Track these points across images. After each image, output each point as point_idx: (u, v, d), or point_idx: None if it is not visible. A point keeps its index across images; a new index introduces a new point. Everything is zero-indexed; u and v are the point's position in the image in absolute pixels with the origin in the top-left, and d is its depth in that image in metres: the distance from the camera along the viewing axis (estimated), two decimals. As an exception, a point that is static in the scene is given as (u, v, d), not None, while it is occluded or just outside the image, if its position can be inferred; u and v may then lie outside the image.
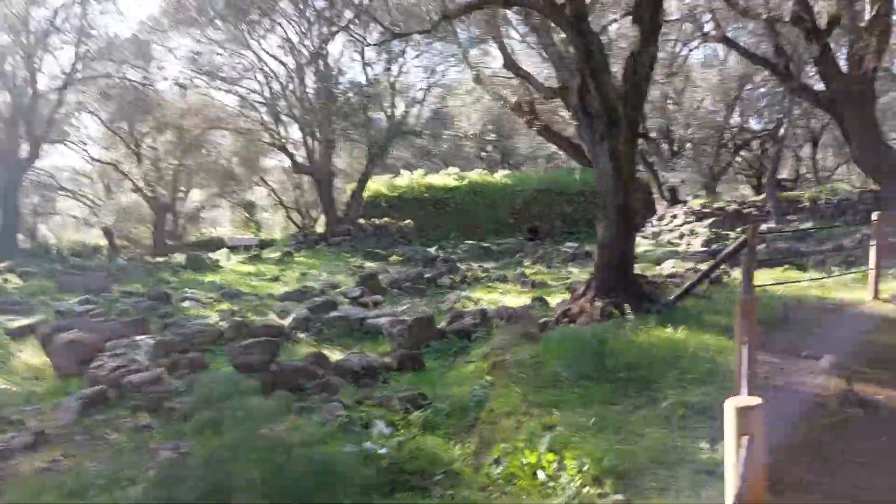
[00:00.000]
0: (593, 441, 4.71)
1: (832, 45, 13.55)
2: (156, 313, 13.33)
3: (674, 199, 30.35)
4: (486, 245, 24.48)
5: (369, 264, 20.98)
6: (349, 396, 7.65)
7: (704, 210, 26.84)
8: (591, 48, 7.43)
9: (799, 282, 9.85)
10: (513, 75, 12.74)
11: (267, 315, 12.69)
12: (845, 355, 6.54)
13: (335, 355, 10.11)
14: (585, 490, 4.05)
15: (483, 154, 47.38)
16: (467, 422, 6.47)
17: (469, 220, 33.93)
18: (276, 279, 18.19)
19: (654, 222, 28.91)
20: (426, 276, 16.10)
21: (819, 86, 14.66)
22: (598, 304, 8.07)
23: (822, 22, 13.09)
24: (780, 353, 6.81)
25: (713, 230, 25.01)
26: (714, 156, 28.96)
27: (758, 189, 32.80)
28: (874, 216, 8.84)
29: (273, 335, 11.32)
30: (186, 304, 14.44)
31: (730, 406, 2.20)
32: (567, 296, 10.71)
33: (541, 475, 4.34)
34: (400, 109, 32.89)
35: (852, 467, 4.26)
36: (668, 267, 11.80)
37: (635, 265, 13.00)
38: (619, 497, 3.91)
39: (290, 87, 29.29)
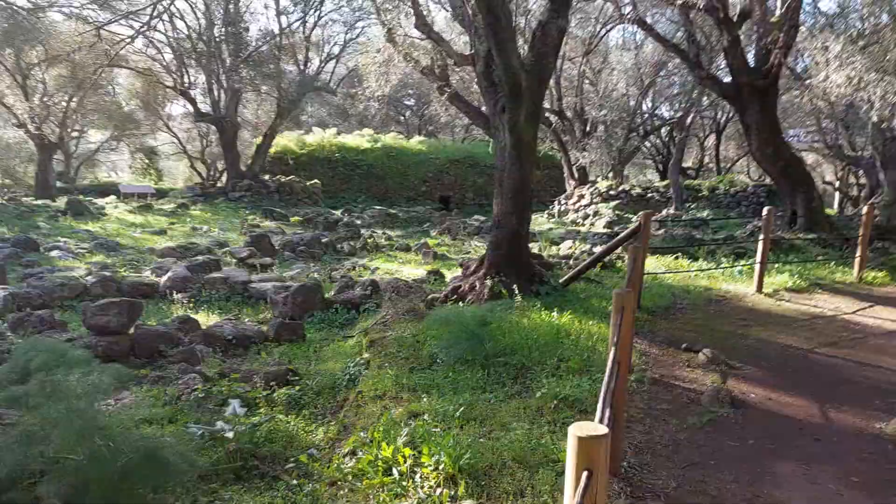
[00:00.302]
0: (456, 434, 4.37)
1: (742, 38, 13.67)
2: (17, 262, 12.13)
3: (583, 179, 30.69)
4: (393, 212, 23.91)
5: (268, 223, 20.03)
6: (214, 367, 7.05)
7: (611, 192, 27.29)
8: (498, 14, 6.98)
9: (689, 271, 9.91)
10: (425, 37, 12.14)
11: (141, 271, 11.75)
12: (724, 349, 6.51)
13: (211, 320, 9.43)
14: (438, 492, 3.70)
15: (401, 118, 46.51)
16: (337, 402, 6.03)
17: (380, 184, 33.25)
18: (162, 232, 17.01)
19: (563, 201, 29.20)
20: (324, 240, 15.43)
21: (728, 78, 14.84)
22: (488, 282, 7.76)
23: (734, 13, 13.18)
24: (661, 344, 6.72)
25: (617, 212, 25.48)
26: (624, 139, 29.39)
27: (663, 175, 33.70)
28: (765, 211, 8.92)
29: (144, 294, 10.50)
30: (55, 253, 13.23)
31: (572, 435, 1.83)
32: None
33: (395, 472, 3.95)
34: (315, 64, 31.60)
35: (714, 472, 4.10)
36: (565, 247, 11.71)
37: (533, 244, 12.88)
38: (471, 502, 3.57)
39: (197, 28, 27.42)
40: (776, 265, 10.56)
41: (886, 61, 10.61)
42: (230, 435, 4.80)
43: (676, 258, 11.09)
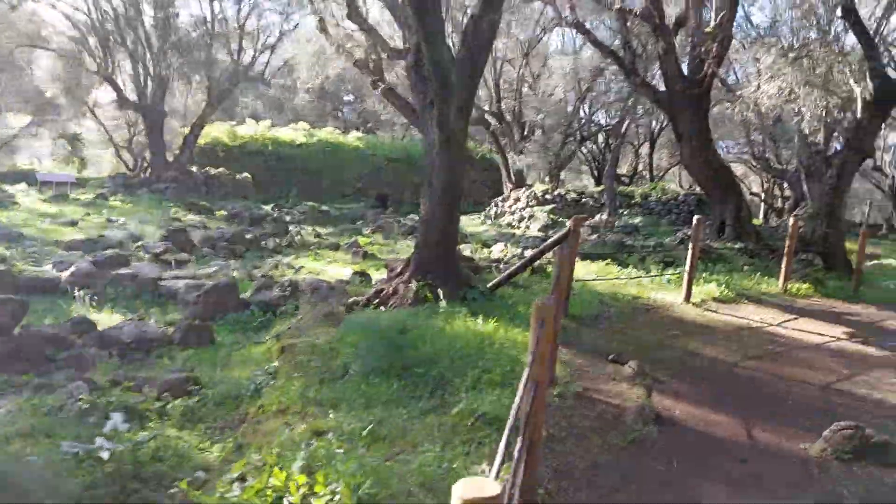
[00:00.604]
0: (361, 456, 3.95)
1: (678, 48, 13.72)
2: None
3: (520, 182, 30.70)
4: (325, 208, 23.26)
5: (191, 217, 19.10)
6: (107, 374, 6.42)
7: (546, 196, 27.33)
8: (426, 3, 6.60)
9: (618, 278, 9.76)
10: (357, 28, 11.66)
11: (43, 266, 10.86)
12: (650, 360, 6.31)
13: (115, 320, 8.72)
14: (331, 528, 3.28)
15: (339, 113, 45.65)
16: (237, 416, 5.53)
17: (315, 180, 32.39)
18: (74, 224, 15.93)
19: (499, 203, 29.11)
20: (248, 236, 14.74)
21: (662, 86, 14.89)
22: (413, 286, 7.37)
23: (670, 21, 13.21)
24: (588, 354, 6.46)
25: (552, 216, 25.51)
26: (561, 144, 29.52)
27: (599, 180, 34.05)
28: (694, 221, 8.84)
29: (43, 290, 9.68)
30: (-56, 243, 12.17)
31: (458, 498, 1.44)
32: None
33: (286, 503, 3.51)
34: (249, 54, 30.50)
35: (637, 498, 3.83)
36: (497, 250, 11.45)
37: (465, 245, 12.57)
38: (366, 542, 3.18)
39: (124, 11, 26.05)
40: (704, 274, 10.54)
41: (815, 75, 10.75)
42: (105, 455, 4.26)
43: (607, 264, 10.97)
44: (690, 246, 8.84)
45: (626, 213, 25.44)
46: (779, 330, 8.06)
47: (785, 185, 33.36)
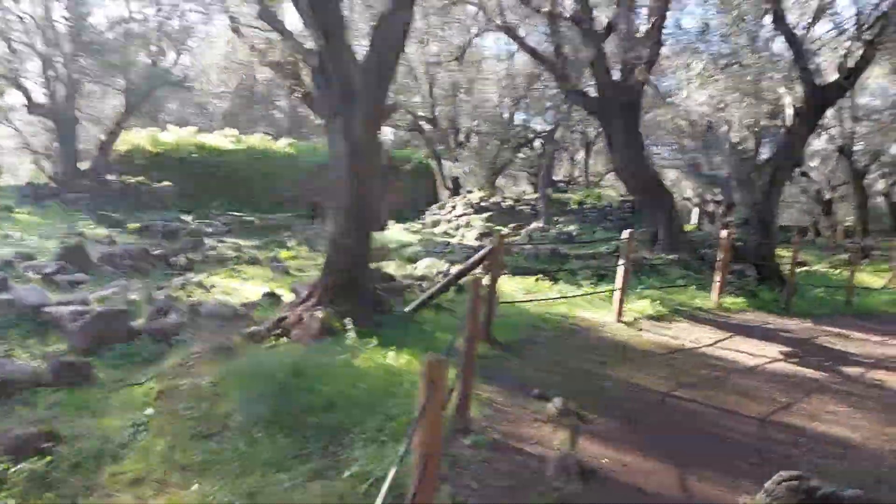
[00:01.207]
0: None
1: (609, 53, 13.35)
2: None
3: (456, 190, 30.21)
4: (250, 219, 22.13)
5: (101, 230, 17.73)
6: (-55, 427, 5.41)
7: (482, 203, 26.86)
8: (328, 4, 5.89)
9: (547, 298, 9.20)
10: (270, 28, 10.79)
11: None
12: (578, 394, 5.73)
13: (-19, 355, 7.61)
14: None
15: (271, 118, 44.25)
16: (94, 481, 4.65)
17: (244, 188, 31.07)
18: (-40, 241, 14.47)
19: (435, 211, 28.50)
20: (157, 252, 13.63)
21: (595, 92, 14.53)
22: (320, 314, 6.59)
23: (601, 26, 12.83)
24: (511, 389, 5.83)
25: (488, 224, 25.03)
26: (497, 150, 29.14)
27: (536, 187, 33.82)
28: (625, 234, 8.36)
29: None
30: None
31: None
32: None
33: None
34: (171, 56, 29.03)
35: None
36: (423, 266, 10.80)
37: (388, 262, 11.82)
38: None
39: (31, 10, 24.33)
40: (637, 289, 10.13)
41: (745, 82, 10.49)
42: None
43: (538, 280, 10.42)
44: (621, 262, 8.35)
45: (561, 220, 25.18)
46: (713, 351, 7.64)
47: (716, 189, 33.92)
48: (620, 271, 8.35)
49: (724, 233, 9.78)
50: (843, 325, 10.23)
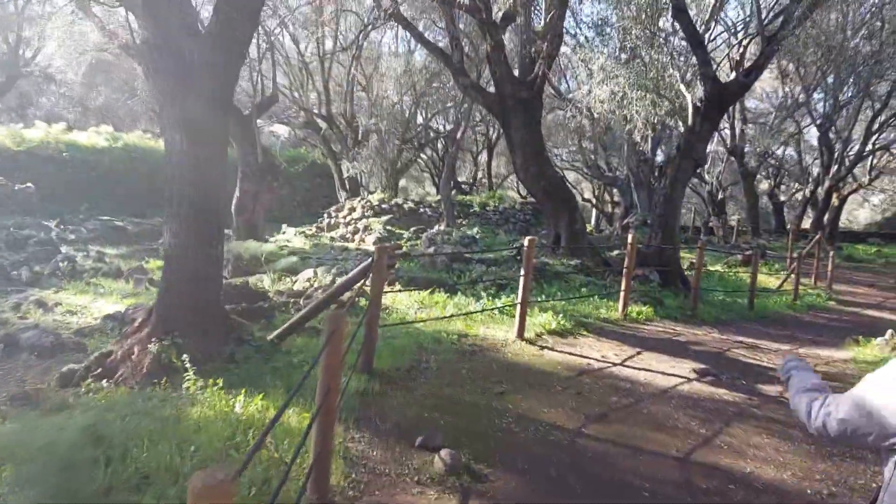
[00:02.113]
0: None
1: (508, 47, 12.55)
2: None
3: (354, 191, 28.89)
4: (121, 224, 20.01)
5: (-66, 239, 15.31)
6: None
7: (382, 205, 25.70)
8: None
9: (439, 318, 8.17)
10: (118, 3, 9.27)
11: None
12: (471, 438, 4.74)
13: None
14: None
15: (153, 115, 41.22)
16: None
17: (121, 190, 28.52)
18: None
19: (333, 213, 27.07)
20: (-7, 264, 11.69)
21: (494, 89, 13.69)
22: (154, 347, 5.28)
23: (498, 17, 12.00)
24: (388, 439, 4.74)
25: (388, 227, 23.91)
26: (398, 150, 28.06)
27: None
28: (525, 242, 7.47)
29: None
30: None
31: None
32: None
33: None
34: (34, 45, 26.20)
35: None
36: (304, 279, 9.54)
37: (262, 275, 10.47)
38: None
39: None
40: (539, 299, 9.32)
41: (647, 79, 9.90)
42: None
43: (433, 291, 9.40)
44: (522, 273, 7.47)
45: (464, 222, 24.44)
46: (623, 371, 6.86)
47: (615, 190, 34.30)
48: (521, 283, 7.46)
49: (629, 238, 9.12)
50: (751, 332, 9.84)
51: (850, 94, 24.09)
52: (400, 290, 9.38)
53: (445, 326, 7.81)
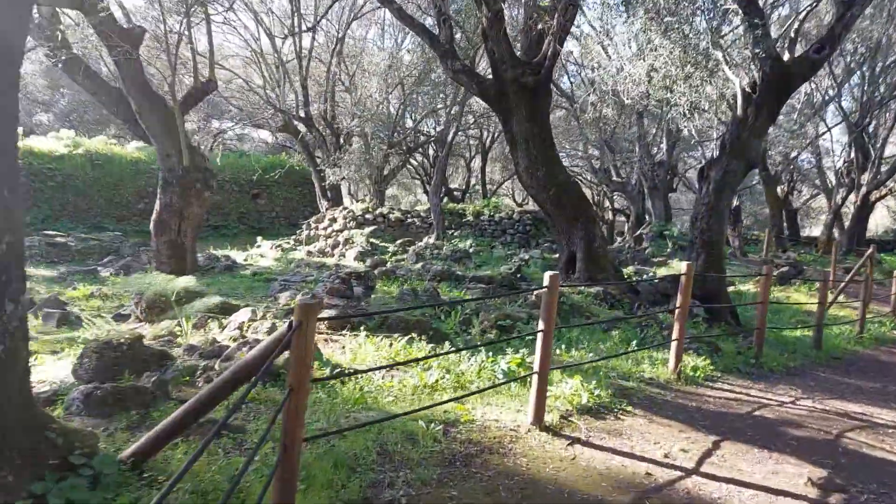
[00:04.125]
0: None
1: (508, 18, 10.08)
2: None
3: (337, 200, 26.38)
4: (62, 240, 17.38)
5: None
6: None
7: (366, 216, 23.24)
8: None
9: (424, 408, 5.58)
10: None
11: None
12: None
13: None
14: None
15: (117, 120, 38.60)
16: None
17: (82, 200, 26.01)
18: None
19: (312, 224, 24.56)
20: None
21: (491, 74, 11.17)
22: None
23: (496, -19, 9.52)
24: None
25: (372, 240, 21.40)
26: (384, 155, 25.56)
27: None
28: (546, 278, 4.94)
29: None
30: None
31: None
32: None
33: None
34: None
35: None
36: (237, 322, 6.97)
37: (171, 322, 7.77)
38: None
39: None
40: (558, 350, 6.81)
41: (698, 51, 7.43)
42: None
43: (411, 340, 6.84)
44: (539, 328, 4.95)
45: (456, 234, 21.93)
46: (706, 487, 4.33)
47: (615, 195, 31.82)
48: (540, 342, 4.94)
49: (683, 266, 6.59)
50: (835, 388, 7.35)
51: (882, 89, 21.71)
52: (367, 334, 6.84)
53: (429, 400, 5.27)
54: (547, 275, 4.95)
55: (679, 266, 17.21)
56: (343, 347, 6.45)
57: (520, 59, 9.96)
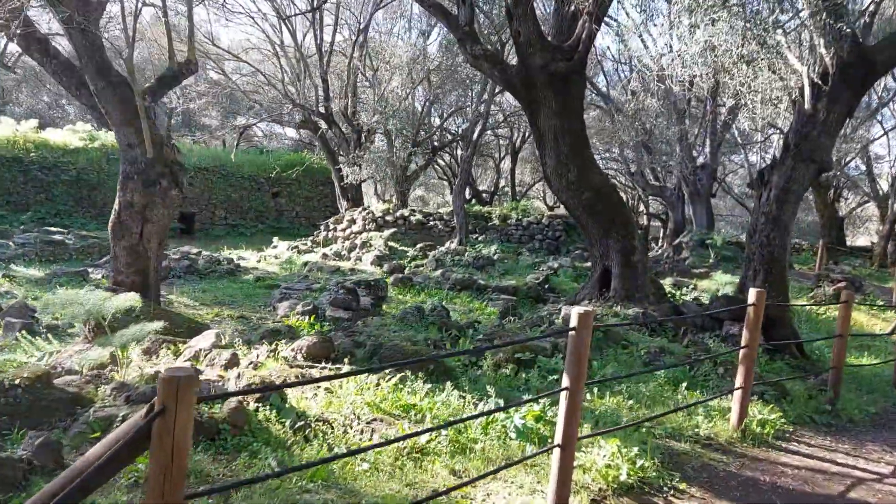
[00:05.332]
0: None
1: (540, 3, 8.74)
2: None
3: (357, 201, 25.23)
4: (59, 238, 16.45)
5: None
6: None
7: (386, 217, 22.01)
8: None
9: (421, 455, 4.25)
10: None
11: None
12: None
13: None
14: None
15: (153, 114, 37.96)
16: None
17: (96, 196, 25.26)
18: None
19: (331, 226, 23.44)
20: None
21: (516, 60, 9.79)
22: None
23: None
24: None
25: (391, 243, 20.19)
26: (408, 154, 24.32)
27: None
28: (574, 316, 3.58)
29: None
30: None
31: None
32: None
33: None
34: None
35: None
36: (199, 345, 5.67)
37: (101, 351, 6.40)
38: None
39: None
40: (589, 394, 5.44)
41: (771, 22, 5.99)
42: None
43: (404, 379, 5.49)
44: (565, 389, 3.59)
45: (480, 238, 20.58)
46: None
47: (650, 200, 30.11)
48: (564, 402, 3.60)
49: (752, 293, 5.17)
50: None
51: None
52: (351, 371, 5.54)
53: (413, 468, 3.96)
54: (575, 312, 3.60)
55: (720, 279, 15.79)
56: (318, 387, 5.16)
57: (550, 43, 8.59)
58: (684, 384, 5.91)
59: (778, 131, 16.52)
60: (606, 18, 13.40)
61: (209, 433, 4.10)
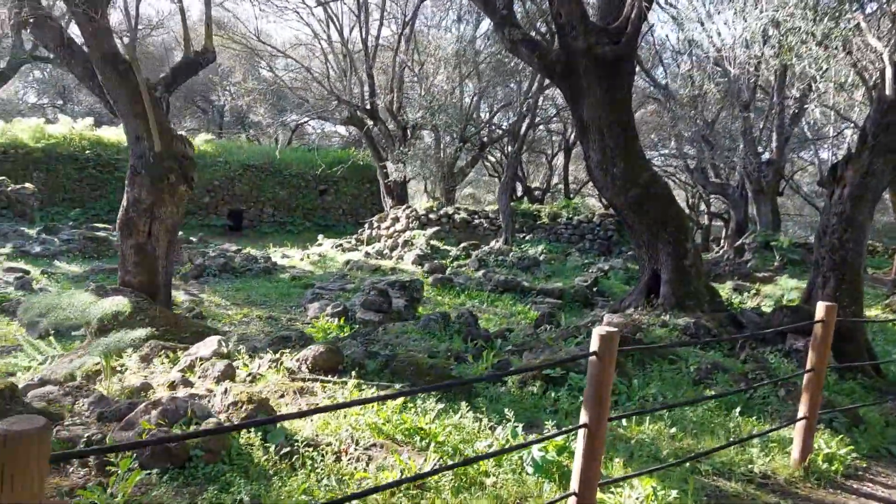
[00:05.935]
0: None
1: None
2: None
3: (402, 198, 24.77)
4: (102, 234, 16.49)
5: None
6: None
7: (430, 215, 21.47)
8: None
9: None
10: None
11: None
12: None
13: None
14: None
15: (204, 112, 38.58)
16: None
17: (148, 192, 25.64)
18: None
19: (375, 223, 23.06)
20: None
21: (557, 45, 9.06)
22: None
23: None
24: None
25: (433, 242, 19.64)
26: (456, 150, 23.76)
27: (513, 196, 28.31)
28: (595, 339, 2.92)
29: None
30: None
31: None
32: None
33: None
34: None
35: None
36: (199, 353, 5.13)
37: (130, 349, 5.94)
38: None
39: None
40: (626, 420, 4.75)
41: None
42: None
43: (411, 400, 4.90)
44: (583, 426, 2.94)
45: (527, 238, 19.84)
46: None
47: (712, 199, 28.72)
48: (582, 441, 2.95)
49: (821, 308, 4.38)
50: None
51: None
52: (359, 383, 5.00)
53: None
54: (596, 333, 2.93)
55: (786, 284, 14.63)
56: (317, 406, 4.63)
57: (594, 24, 7.85)
58: (738, 408, 5.14)
59: (852, 125, 15.24)
60: (665, 4, 12.56)
61: (178, 460, 3.60)
